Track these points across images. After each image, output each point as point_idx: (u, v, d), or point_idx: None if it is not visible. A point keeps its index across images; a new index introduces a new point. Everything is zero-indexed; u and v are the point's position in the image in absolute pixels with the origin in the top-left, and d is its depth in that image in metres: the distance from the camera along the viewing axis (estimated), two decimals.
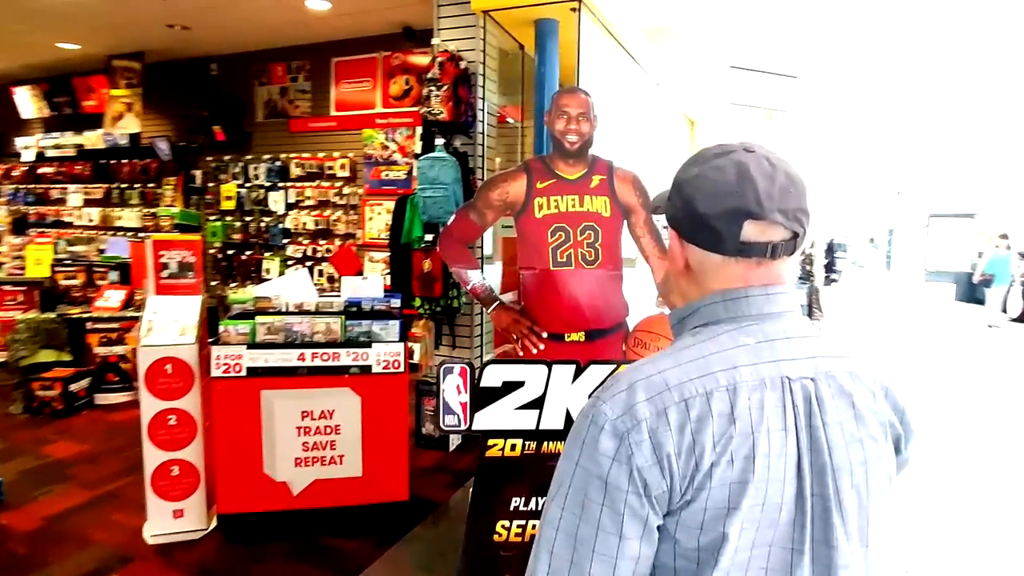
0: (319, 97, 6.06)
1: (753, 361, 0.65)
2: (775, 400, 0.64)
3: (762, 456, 0.62)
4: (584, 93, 1.94)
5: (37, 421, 4.05)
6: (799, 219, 0.68)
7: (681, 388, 0.63)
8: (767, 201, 0.66)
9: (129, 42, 6.21)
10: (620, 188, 1.98)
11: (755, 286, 0.70)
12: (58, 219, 7.61)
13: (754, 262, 0.69)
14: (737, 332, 0.68)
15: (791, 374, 0.66)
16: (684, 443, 0.61)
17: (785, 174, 0.69)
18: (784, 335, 0.69)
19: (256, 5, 5.02)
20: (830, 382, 0.68)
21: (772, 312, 0.70)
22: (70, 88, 7.19)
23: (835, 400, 0.67)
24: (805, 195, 0.69)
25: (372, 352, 2.63)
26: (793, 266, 0.73)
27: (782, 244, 0.68)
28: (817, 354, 0.69)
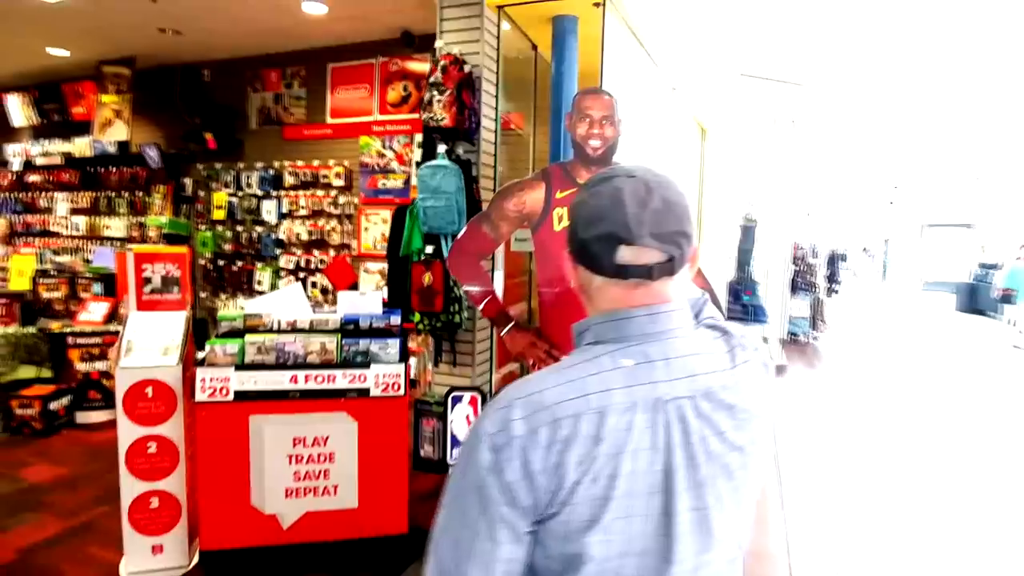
0: (314, 104, 5.89)
1: (628, 383, 0.69)
2: (645, 421, 0.69)
3: (626, 475, 0.67)
4: (608, 95, 1.78)
5: (15, 441, 3.83)
6: (676, 242, 0.72)
7: (554, 409, 0.68)
8: (637, 227, 0.70)
9: (119, 47, 6.04)
10: None
11: (639, 306, 0.73)
12: (45, 228, 7.39)
13: (633, 283, 0.73)
14: (619, 353, 0.72)
15: (666, 395, 0.70)
16: (550, 461, 0.66)
17: (662, 199, 0.72)
18: (664, 356, 0.72)
19: (249, 9, 4.86)
20: (708, 398, 0.72)
21: (656, 332, 0.73)
22: (60, 95, 7.00)
23: (715, 414, 0.72)
24: (685, 218, 0.73)
25: (370, 373, 2.44)
26: (683, 284, 0.76)
27: (658, 266, 0.72)
28: (697, 372, 0.73)
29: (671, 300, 0.75)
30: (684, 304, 0.77)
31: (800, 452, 4.11)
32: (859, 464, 3.94)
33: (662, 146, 3.06)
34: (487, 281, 1.84)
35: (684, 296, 0.78)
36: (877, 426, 4.75)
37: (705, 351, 0.75)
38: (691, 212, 0.76)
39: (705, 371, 0.73)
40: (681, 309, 0.76)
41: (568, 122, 1.78)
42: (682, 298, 0.77)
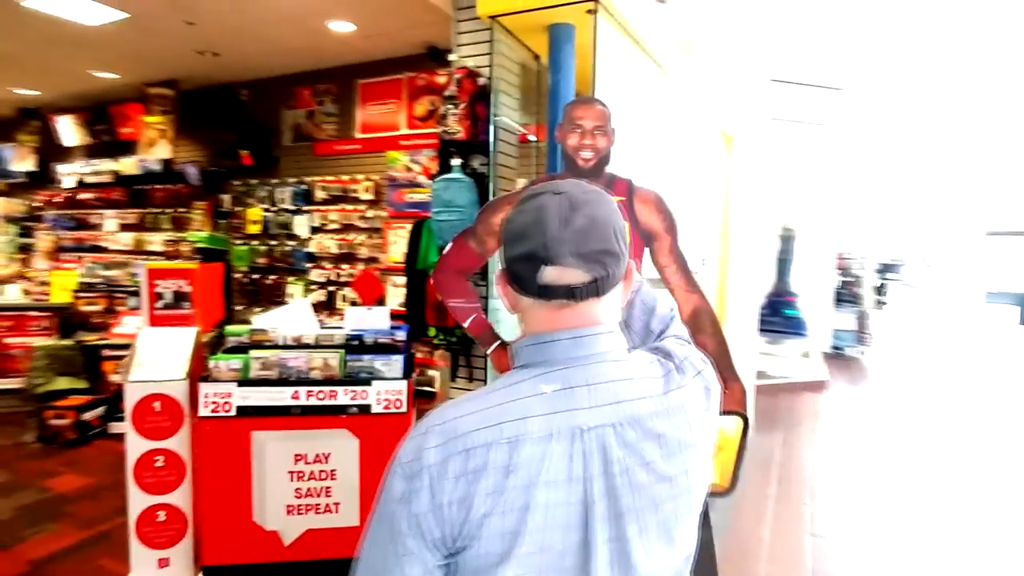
0: (344, 120, 6.00)
1: (545, 411, 0.66)
2: (562, 451, 0.65)
3: (540, 507, 0.64)
4: (600, 104, 1.70)
5: (48, 451, 3.97)
6: (601, 262, 0.68)
7: (468, 437, 0.65)
8: (557, 246, 0.67)
9: (163, 70, 6.30)
10: (641, 210, 1.72)
11: (563, 329, 0.70)
12: (95, 244, 7.75)
13: (557, 305, 0.69)
14: (540, 379, 0.69)
15: (586, 424, 0.67)
16: (457, 493, 0.64)
17: (587, 217, 0.68)
18: (586, 382, 0.68)
19: (280, 29, 4.99)
20: (634, 426, 0.68)
21: (580, 356, 0.70)
22: (108, 116, 7.36)
23: (642, 443, 0.68)
24: (612, 237, 0.69)
25: (372, 390, 2.41)
26: (614, 305, 0.73)
27: (583, 287, 0.68)
28: (623, 399, 0.69)
29: (600, 322, 0.71)
30: (615, 326, 0.74)
31: (836, 474, 3.87)
32: (899, 491, 3.68)
33: (673, 156, 2.94)
34: (473, 298, 1.78)
35: (616, 317, 0.75)
36: (923, 451, 4.44)
37: (636, 376, 0.71)
38: (622, 230, 0.72)
39: (633, 397, 0.69)
40: (611, 332, 0.72)
41: (558, 133, 1.71)
42: (613, 320, 0.74)
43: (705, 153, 3.47)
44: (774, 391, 5.84)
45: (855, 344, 7.92)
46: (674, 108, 2.83)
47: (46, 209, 8.21)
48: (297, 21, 4.77)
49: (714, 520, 3.20)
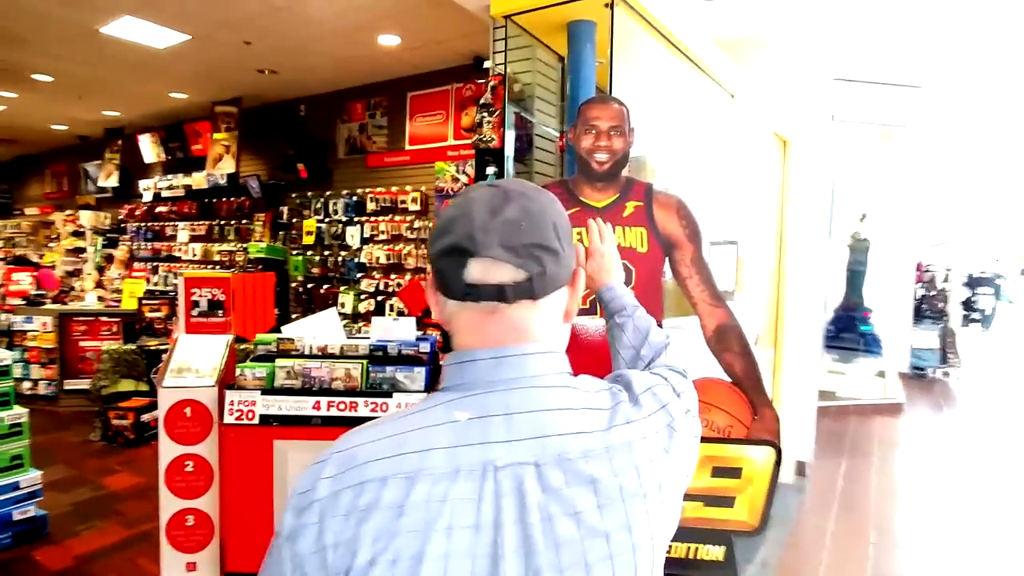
0: (395, 132, 6.10)
1: (454, 443, 0.57)
2: (468, 492, 0.55)
3: (435, 558, 0.53)
4: (617, 102, 1.59)
5: (110, 449, 4.17)
6: (536, 256, 0.60)
7: (364, 469, 0.57)
8: (483, 235, 0.59)
9: (228, 89, 6.62)
10: (661, 216, 1.59)
11: (485, 348, 0.61)
12: (170, 254, 8.23)
13: (485, 308, 0.60)
14: (456, 403, 0.60)
15: (500, 460, 0.56)
16: (345, 534, 0.55)
17: (521, 208, 0.61)
18: (505, 410, 0.59)
19: (331, 45, 5.13)
20: (561, 467, 0.57)
21: (503, 379, 0.60)
22: (182, 134, 7.81)
23: (570, 488, 0.57)
24: (548, 231, 0.61)
25: (392, 402, 2.36)
26: (552, 318, 0.63)
27: (513, 287, 0.59)
28: (548, 432, 0.58)
29: (532, 338, 0.61)
30: (553, 345, 0.63)
31: (907, 509, 3.50)
32: (979, 533, 3.28)
33: (719, 159, 2.77)
34: None
35: (556, 333, 0.64)
36: (1011, 488, 3.97)
37: (573, 406, 0.60)
38: (565, 228, 0.63)
39: (562, 431, 0.58)
40: (546, 352, 0.62)
41: (571, 135, 1.61)
42: (551, 336, 0.63)
43: (754, 157, 3.25)
44: (841, 414, 5.42)
45: (939, 365, 7.27)
46: (715, 110, 2.66)
47: (128, 222, 8.79)
48: (346, 36, 4.88)
49: (763, 556, 2.96)
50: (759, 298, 3.60)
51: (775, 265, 3.62)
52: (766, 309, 3.61)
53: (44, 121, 8.47)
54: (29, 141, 9.99)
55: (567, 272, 0.63)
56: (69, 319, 5.13)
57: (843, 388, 6.03)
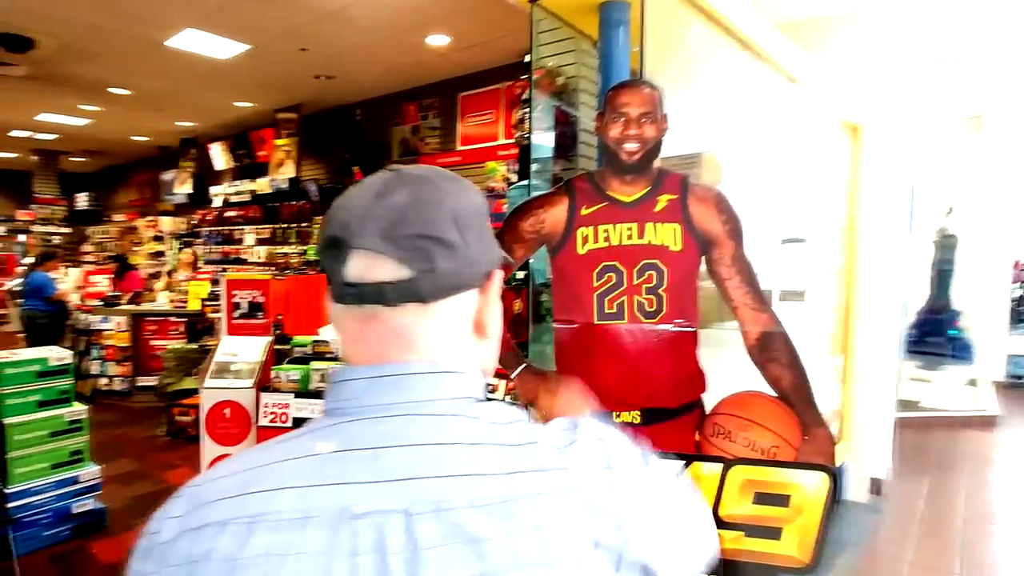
0: (446, 133, 6.10)
1: (308, 482, 0.45)
2: (317, 544, 0.43)
3: None
4: (649, 86, 1.44)
5: (173, 445, 4.35)
6: (423, 250, 0.48)
7: (209, 509, 0.46)
8: (358, 223, 0.49)
9: (288, 96, 6.83)
10: (697, 211, 1.43)
11: (363, 363, 0.50)
12: (238, 256, 8.60)
13: (363, 314, 0.50)
14: (323, 432, 0.49)
15: (359, 506, 0.44)
16: None
17: (413, 194, 0.50)
18: (375, 443, 0.47)
19: (383, 48, 5.17)
20: (440, 519, 0.44)
21: (380, 403, 0.48)
22: (248, 141, 8.14)
23: (447, 548, 0.43)
24: (442, 221, 0.49)
25: None
26: (450, 327, 0.51)
27: (394, 286, 0.48)
28: (424, 473, 0.45)
29: (422, 352, 0.50)
30: (452, 364, 0.51)
31: (999, 535, 3.12)
32: None
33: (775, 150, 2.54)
34: None
35: (460, 350, 0.52)
36: None
37: (467, 440, 0.47)
38: (470, 219, 0.52)
39: (446, 473, 0.45)
40: (441, 372, 0.50)
41: (598, 123, 1.48)
42: (453, 353, 0.51)
43: (818, 146, 2.98)
44: (925, 426, 4.95)
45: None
46: (772, 96, 2.44)
47: (202, 226, 9.26)
48: (396, 39, 4.90)
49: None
50: (827, 300, 3.31)
51: (844, 264, 3.32)
52: (834, 312, 3.31)
53: (126, 133, 9.05)
54: (115, 152, 10.73)
55: (472, 272, 0.52)
56: (141, 319, 5.41)
57: (928, 398, 5.52)
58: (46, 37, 4.80)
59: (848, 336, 3.36)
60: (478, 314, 0.53)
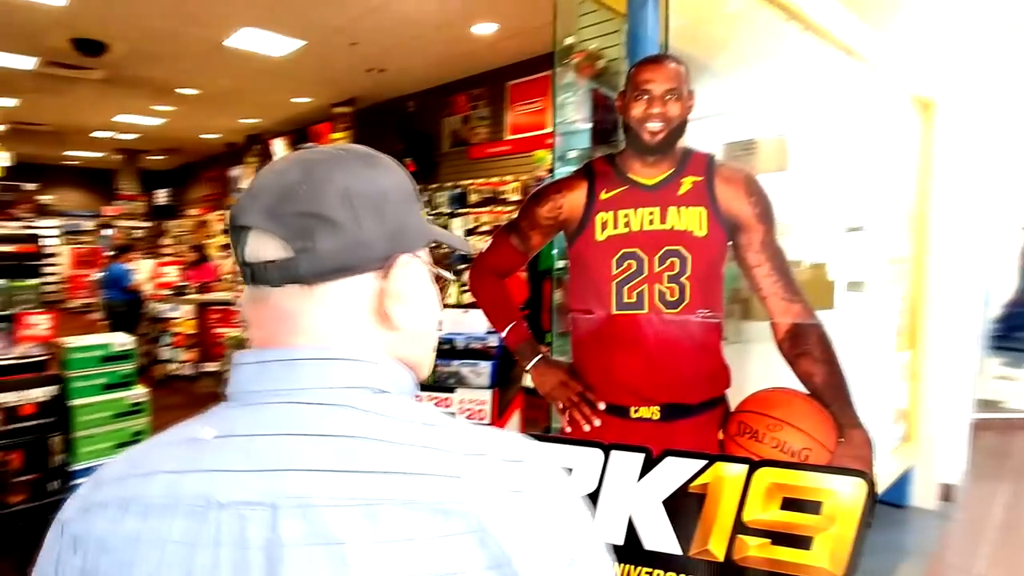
0: (495, 122, 6.08)
1: (184, 468, 0.44)
2: (183, 534, 0.42)
3: None
4: (674, 61, 1.35)
5: None
6: (304, 228, 0.46)
7: (98, 490, 0.46)
8: (248, 200, 0.48)
9: (343, 91, 6.99)
10: (724, 194, 1.33)
11: (253, 350, 0.48)
12: None
13: (256, 294, 0.48)
14: (210, 417, 0.47)
15: (224, 495, 0.42)
16: (68, 566, 0.45)
17: (306, 170, 0.48)
18: (250, 430, 0.44)
19: (430, 39, 5.19)
20: (305, 516, 0.40)
21: (266, 389, 0.46)
22: (307, 136, 8.40)
23: (308, 548, 0.40)
24: (332, 197, 0.46)
25: (455, 398, 2.28)
26: (346, 311, 0.48)
27: (276, 265, 0.46)
28: (296, 465, 0.42)
29: (310, 337, 0.47)
30: (347, 350, 0.47)
31: None
32: None
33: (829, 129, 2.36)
34: (510, 304, 1.54)
35: (359, 337, 0.48)
36: None
37: (349, 433, 0.43)
38: (369, 197, 0.48)
39: (314, 466, 0.42)
40: (332, 359, 0.47)
41: (620, 103, 1.40)
42: (349, 339, 0.48)
43: (882, 125, 2.75)
44: (1008, 428, 4.55)
45: None
46: (825, 70, 2.27)
47: None
48: (443, 29, 4.90)
49: None
50: (893, 291, 3.07)
51: (914, 252, 3.06)
52: (901, 304, 3.07)
53: (197, 131, 9.53)
54: (188, 150, 11.34)
55: (364, 255, 0.48)
56: (207, 308, 5.70)
57: (1014, 398, 5.07)
58: (117, 41, 5.10)
59: (918, 330, 3.11)
60: (379, 301, 0.49)
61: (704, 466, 1.25)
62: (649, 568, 1.29)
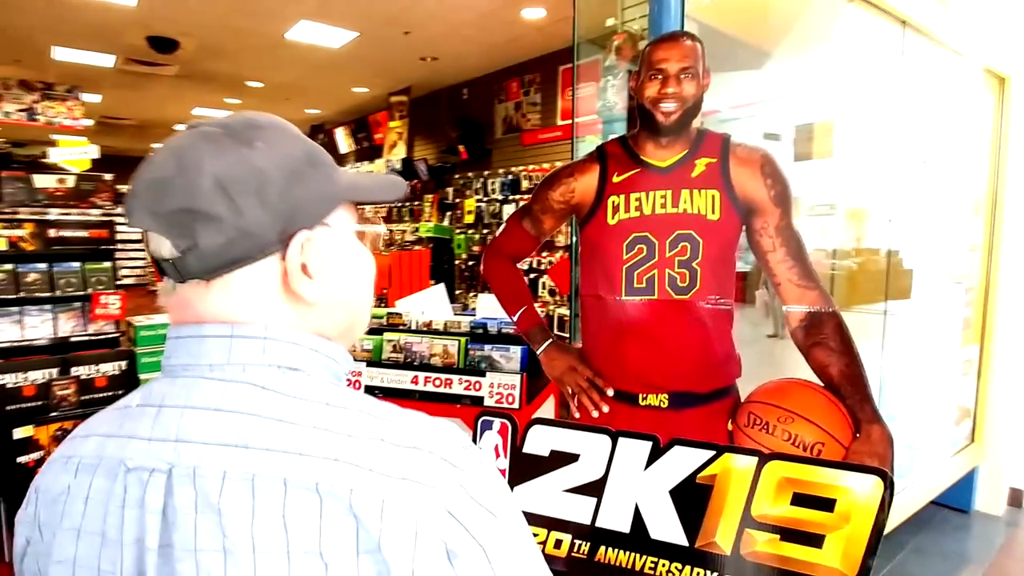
0: (547, 108, 6.02)
1: (110, 432, 0.48)
2: (101, 492, 0.46)
3: (61, 560, 0.46)
4: (689, 38, 1.31)
5: None
6: (184, 226, 0.46)
7: (60, 447, 0.51)
8: (131, 199, 0.48)
9: (398, 80, 7.11)
10: (740, 175, 1.27)
11: (172, 326, 0.50)
12: None
13: (167, 285, 0.50)
14: (143, 387, 0.51)
15: (132, 460, 0.45)
16: (26, 512, 0.51)
17: (177, 160, 0.47)
18: (161, 401, 0.47)
19: (481, 26, 5.19)
20: (195, 485, 0.43)
21: (180, 364, 0.49)
22: (367, 125, 8.61)
23: (200, 515, 0.42)
24: (204, 189, 0.45)
25: (486, 382, 2.31)
26: (250, 292, 0.48)
27: (171, 263, 0.47)
28: (192, 437, 0.44)
29: (216, 318, 0.48)
30: (247, 329, 0.48)
31: None
32: None
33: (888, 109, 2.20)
34: (523, 288, 1.53)
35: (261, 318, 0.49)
36: None
37: (247, 410, 0.45)
38: (246, 182, 0.47)
39: (209, 439, 0.44)
40: (232, 336, 0.48)
41: (633, 84, 1.37)
42: (252, 320, 0.49)
43: (947, 101, 2.55)
44: None
45: None
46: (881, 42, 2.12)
47: None
48: (492, 15, 4.89)
49: None
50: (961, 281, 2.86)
51: (984, 239, 2.83)
52: (968, 295, 2.85)
53: None
54: None
55: (253, 243, 0.47)
56: None
57: None
58: (186, 38, 5.39)
59: (987, 323, 2.88)
60: (285, 282, 0.49)
61: (712, 457, 1.22)
62: (655, 558, 1.28)
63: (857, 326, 2.28)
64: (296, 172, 0.50)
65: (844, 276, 2.38)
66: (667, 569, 1.27)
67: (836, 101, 2.39)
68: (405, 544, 0.41)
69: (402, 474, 0.43)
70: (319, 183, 0.51)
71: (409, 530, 0.41)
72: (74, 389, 2.73)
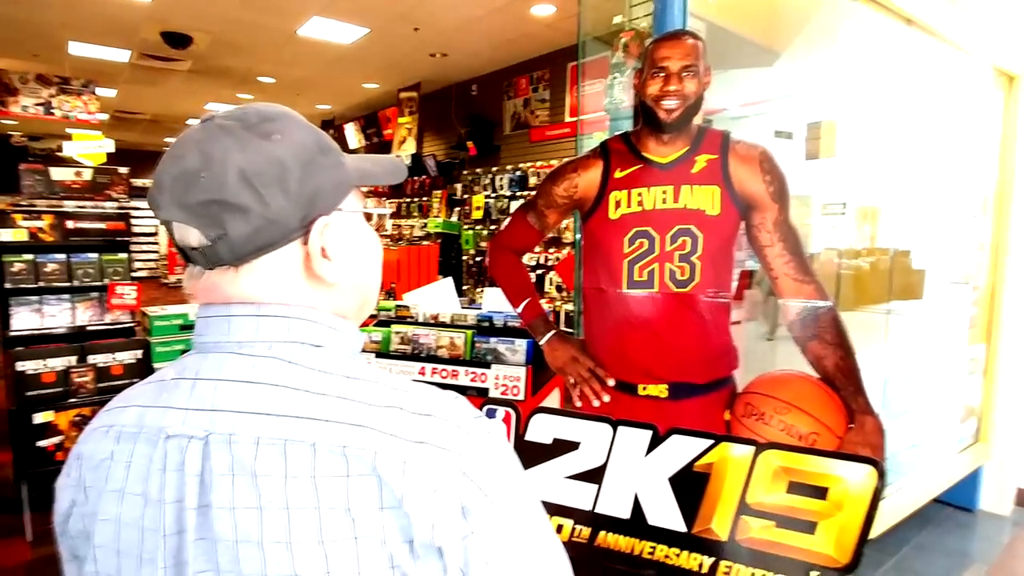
0: (556, 105, 6.05)
1: (148, 402, 0.53)
2: (142, 458, 0.50)
3: (107, 520, 0.50)
4: (691, 36, 1.34)
5: None
6: (214, 217, 0.49)
7: (99, 417, 0.55)
8: (158, 193, 0.51)
9: (408, 76, 7.15)
10: (739, 172, 1.30)
11: (202, 306, 0.54)
12: None
13: (194, 271, 0.53)
14: (176, 362, 0.55)
15: (172, 428, 0.49)
16: (70, 476, 0.55)
17: (202, 154, 0.49)
18: (196, 374, 0.51)
19: (490, 22, 5.21)
20: (231, 450, 0.47)
21: (211, 341, 0.52)
22: (376, 121, 8.65)
23: (233, 478, 0.47)
24: (231, 182, 0.48)
25: (491, 374, 2.35)
26: (273, 275, 0.52)
27: (201, 251, 0.50)
28: (228, 407, 0.49)
29: (242, 299, 0.52)
30: (273, 309, 0.52)
31: None
32: None
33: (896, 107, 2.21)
34: (527, 281, 1.56)
35: (285, 299, 0.53)
36: None
37: (276, 382, 0.49)
38: (267, 174, 0.50)
39: (243, 408, 0.48)
40: (266, 316, 0.52)
41: (636, 82, 1.40)
42: (276, 301, 0.53)
43: (955, 100, 2.55)
44: None
45: None
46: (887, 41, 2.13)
47: None
48: (501, 11, 4.91)
49: None
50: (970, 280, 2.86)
51: (992, 238, 2.83)
52: (975, 294, 2.85)
53: None
54: None
55: (278, 231, 0.51)
56: None
57: None
58: (200, 33, 5.45)
59: (994, 321, 2.88)
60: (307, 265, 0.53)
61: (710, 445, 1.25)
62: (653, 543, 1.31)
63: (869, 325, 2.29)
64: (311, 161, 0.53)
65: (855, 275, 2.40)
66: (665, 554, 1.30)
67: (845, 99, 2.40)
68: (425, 500, 0.46)
69: (421, 438, 0.47)
70: (331, 170, 0.55)
71: (428, 488, 0.46)
72: (91, 376, 2.79)
